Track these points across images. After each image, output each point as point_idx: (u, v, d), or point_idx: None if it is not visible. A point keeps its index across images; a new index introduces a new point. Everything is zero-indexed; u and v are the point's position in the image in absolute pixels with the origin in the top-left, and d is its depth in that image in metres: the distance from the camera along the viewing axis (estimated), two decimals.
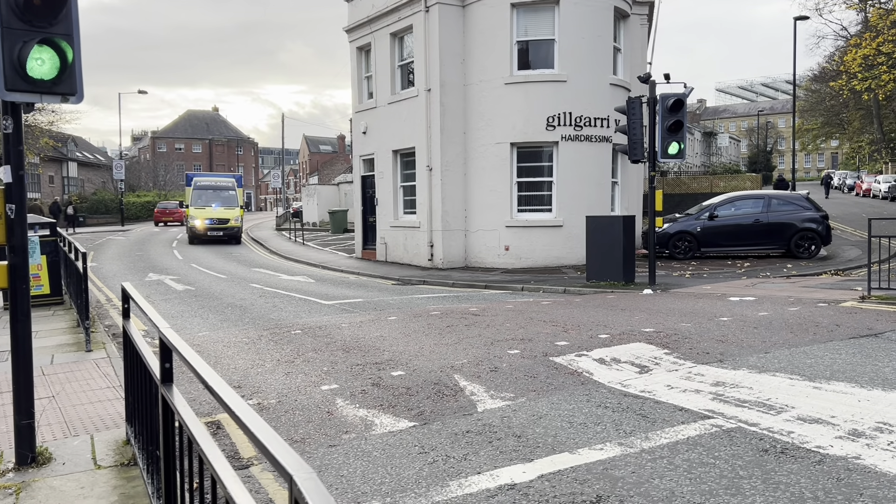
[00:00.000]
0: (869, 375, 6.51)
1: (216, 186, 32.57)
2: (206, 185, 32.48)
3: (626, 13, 20.11)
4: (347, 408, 5.98)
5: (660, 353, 7.68)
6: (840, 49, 43.25)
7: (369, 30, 22.09)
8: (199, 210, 30.70)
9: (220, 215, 30.76)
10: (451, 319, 10.41)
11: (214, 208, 30.97)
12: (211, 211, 30.82)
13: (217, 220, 30.61)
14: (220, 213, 30.87)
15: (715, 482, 4.21)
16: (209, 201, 31.38)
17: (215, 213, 30.78)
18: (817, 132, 68.26)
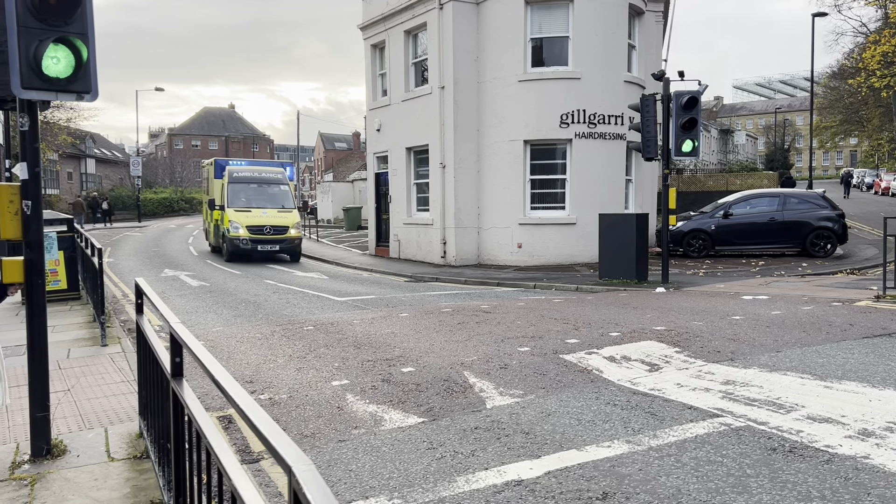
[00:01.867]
0: (881, 375, 6.47)
1: (261, 179, 22.60)
2: (246, 177, 22.37)
3: (641, 10, 20.01)
4: (357, 403, 6.03)
5: (670, 351, 7.67)
6: (859, 46, 42.76)
7: (383, 27, 22.13)
8: (242, 214, 20.87)
9: (273, 221, 20.99)
10: (463, 316, 10.44)
11: (264, 212, 21.23)
12: (259, 216, 21.01)
13: (270, 228, 20.84)
14: (272, 217, 21.11)
15: (722, 480, 4.22)
16: (253, 201, 21.74)
17: (266, 218, 21.01)
18: (836, 130, 67.58)
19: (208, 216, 24.30)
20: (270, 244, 20.96)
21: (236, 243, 20.63)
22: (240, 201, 21.54)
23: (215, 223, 22.68)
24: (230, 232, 20.69)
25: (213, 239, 23.68)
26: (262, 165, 24.93)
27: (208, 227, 24.56)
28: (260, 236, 20.77)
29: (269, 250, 21.11)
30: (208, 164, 25.34)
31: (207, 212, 24.60)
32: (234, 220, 20.82)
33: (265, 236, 20.85)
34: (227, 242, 20.83)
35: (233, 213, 21.00)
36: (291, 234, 21.34)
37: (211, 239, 24.23)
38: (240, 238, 20.59)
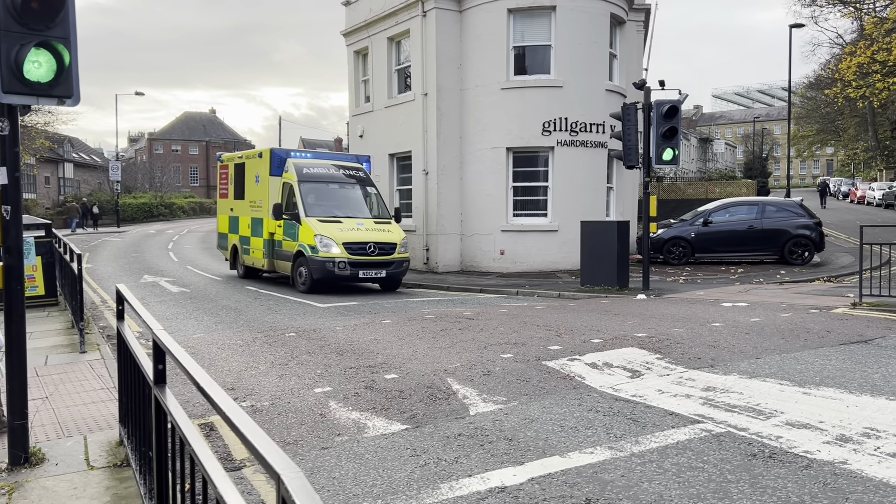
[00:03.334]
0: (858, 381, 6.57)
1: (342, 178, 16.50)
2: (322, 174, 16.24)
3: (623, 19, 20.20)
4: (340, 410, 6.01)
5: (652, 357, 7.73)
6: (835, 57, 43.46)
7: (366, 34, 22.16)
8: (331, 226, 15.00)
9: (376, 236, 15.11)
10: (446, 323, 10.45)
11: (359, 224, 15.39)
12: (355, 228, 15.17)
13: (374, 246, 14.93)
14: (374, 232, 15.23)
15: (703, 486, 4.25)
16: (339, 207, 15.80)
17: (366, 232, 15.15)
18: (813, 139, 68.55)
19: (241, 227, 18.05)
20: (375, 268, 14.83)
21: (328, 267, 14.38)
22: (320, 208, 15.38)
23: (269, 238, 16.46)
24: (317, 251, 14.48)
25: (252, 258, 17.48)
26: (334, 158, 17.91)
27: (235, 242, 18.49)
28: (362, 257, 14.61)
29: (373, 276, 14.99)
30: (241, 158, 18.53)
31: (232, 221, 18.74)
32: (322, 234, 14.58)
33: (369, 257, 14.71)
34: (311, 265, 14.62)
35: (317, 224, 14.80)
36: (400, 255, 15.31)
37: (247, 258, 17.77)
38: (333, 260, 14.36)
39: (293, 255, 15.47)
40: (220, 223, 19.96)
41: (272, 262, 16.70)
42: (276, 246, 16.42)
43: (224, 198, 19.63)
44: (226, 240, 19.44)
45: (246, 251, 17.93)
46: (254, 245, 17.40)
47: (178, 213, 63.36)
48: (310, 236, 14.83)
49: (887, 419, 5.42)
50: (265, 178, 16.82)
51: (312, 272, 14.77)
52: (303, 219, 15.16)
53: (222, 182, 19.76)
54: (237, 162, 18.70)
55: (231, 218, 18.88)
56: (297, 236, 15.29)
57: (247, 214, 17.73)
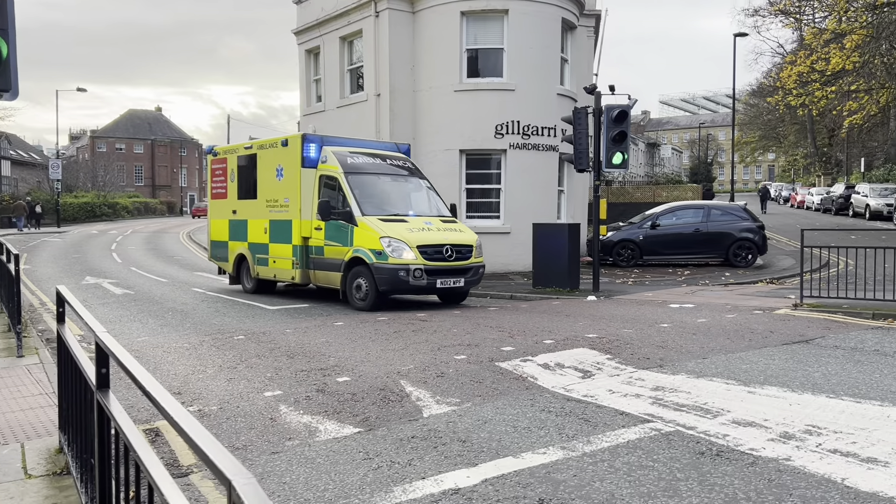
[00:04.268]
0: (800, 380, 6.76)
1: (393, 169, 14.14)
2: (370, 164, 13.74)
3: (574, 24, 20.46)
4: (291, 414, 5.91)
5: (602, 358, 7.83)
6: (777, 66, 44.91)
7: (318, 33, 21.94)
8: (396, 226, 12.46)
9: (451, 237, 12.77)
10: (399, 325, 10.40)
11: (428, 223, 12.96)
12: (425, 228, 12.73)
13: (451, 249, 12.56)
14: (447, 232, 12.91)
15: (653, 484, 4.31)
16: (397, 204, 13.45)
17: (438, 233, 12.76)
18: (755, 145, 70.68)
19: (253, 232, 14.95)
20: (454, 276, 12.45)
21: (400, 276, 11.86)
22: (375, 205, 12.85)
23: (301, 245, 13.48)
24: (385, 256, 11.92)
25: (272, 269, 14.40)
26: (372, 146, 14.81)
27: (242, 251, 15.29)
28: (439, 263, 12.21)
29: (451, 287, 12.60)
30: (249, 148, 15.32)
31: (234, 226, 15.62)
32: (391, 235, 12.01)
33: (447, 263, 12.32)
34: (377, 275, 11.99)
35: (380, 223, 12.27)
36: (477, 260, 13.06)
37: (263, 269, 14.67)
38: (407, 267, 11.85)
39: (344, 264, 12.60)
40: (213, 229, 16.62)
41: (307, 274, 13.59)
42: (314, 253, 13.36)
43: (220, 198, 16.30)
44: (224, 249, 16.04)
45: (261, 261, 14.65)
46: (275, 253, 14.20)
47: (122, 214, 61.71)
48: (371, 239, 12.12)
49: (827, 416, 5.59)
50: (294, 171, 13.65)
51: (378, 283, 11.98)
52: (358, 218, 12.41)
53: (216, 180, 16.42)
54: (243, 153, 15.42)
55: (233, 222, 15.65)
56: (351, 240, 12.48)
57: (261, 217, 14.60)
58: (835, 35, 24.37)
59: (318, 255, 13.33)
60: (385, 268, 11.94)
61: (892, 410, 5.73)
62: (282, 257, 14.06)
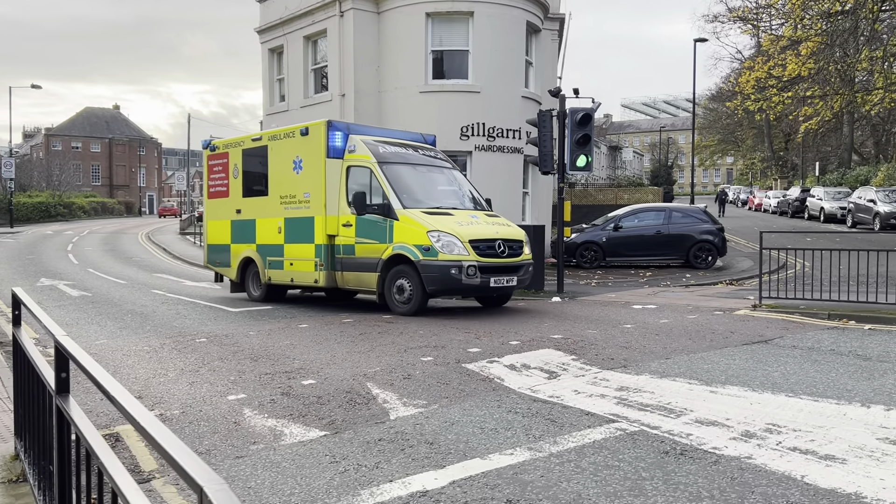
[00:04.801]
0: (760, 380, 6.90)
1: (427, 159, 13.21)
2: (402, 154, 12.78)
3: (538, 28, 20.61)
4: (256, 418, 5.83)
5: (567, 359, 7.89)
6: (735, 71, 45.86)
7: (282, 32, 21.74)
8: (440, 218, 11.43)
9: (503, 232, 11.83)
10: (364, 327, 10.34)
11: (473, 216, 12.00)
12: (471, 221, 11.73)
13: (503, 244, 11.55)
14: (497, 226, 11.97)
15: (619, 484, 4.35)
16: (437, 197, 12.43)
17: (487, 226, 11.77)
18: (714, 149, 72.05)
19: (263, 233, 13.58)
20: (507, 274, 11.33)
21: (452, 275, 10.72)
22: (414, 198, 11.73)
23: (327, 244, 12.22)
24: (433, 253, 10.78)
25: (290, 272, 13.07)
26: (397, 136, 13.62)
27: (250, 255, 13.88)
28: (493, 260, 11.14)
29: (504, 286, 11.50)
30: (258, 140, 13.95)
31: (239, 227, 14.21)
32: (439, 229, 10.90)
33: (500, 260, 11.25)
34: (424, 273, 10.88)
35: (425, 216, 11.18)
36: (527, 257, 12.02)
37: (277, 273, 13.33)
38: (460, 264, 10.72)
39: (381, 263, 11.38)
40: (211, 232, 15.14)
41: (333, 276, 12.31)
42: (343, 253, 12.09)
43: (219, 197, 14.85)
44: (225, 253, 14.58)
45: (274, 265, 13.30)
46: (293, 255, 12.87)
47: (78, 214, 60.29)
48: (417, 233, 10.95)
49: (787, 415, 5.71)
50: (316, 163, 12.39)
51: (426, 283, 10.78)
52: (399, 211, 11.24)
53: (215, 177, 15.02)
54: (250, 146, 14.06)
55: (237, 223, 14.23)
56: (390, 236, 11.28)
57: (274, 215, 13.28)
58: (791, 42, 24.98)
59: (347, 254, 12.05)
60: (434, 265, 10.72)
61: (849, 409, 5.88)
62: (301, 259, 12.71)
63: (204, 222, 15.85)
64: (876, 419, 5.57)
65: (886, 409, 5.85)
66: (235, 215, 14.35)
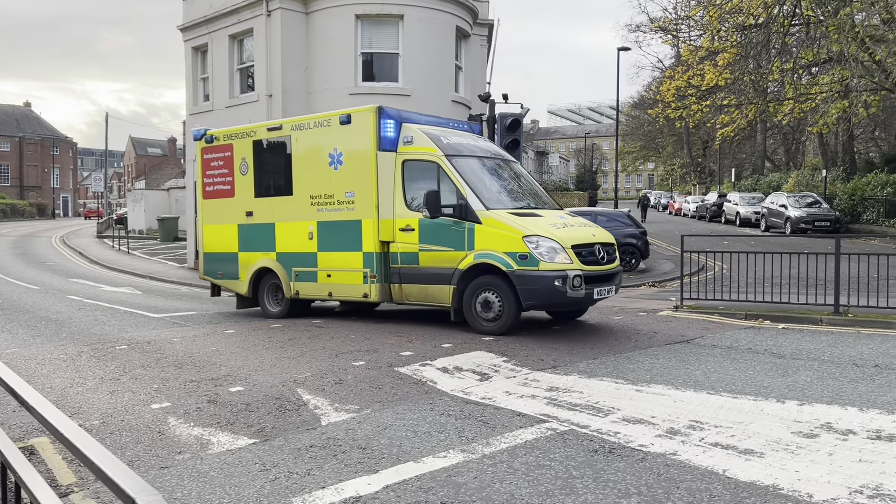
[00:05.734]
0: (683, 378, 7.14)
1: (486, 153, 11.30)
2: (464, 144, 11.00)
3: (468, 33, 20.79)
4: (181, 427, 5.65)
5: (499, 360, 7.96)
6: (656, 80, 47.42)
7: (206, 30, 21.19)
8: (530, 220, 9.73)
9: (596, 234, 10.26)
10: (294, 332, 10.16)
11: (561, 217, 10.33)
12: (562, 224, 9.89)
13: (601, 249, 9.98)
14: (584, 228, 10.27)
15: (551, 483, 4.42)
16: (510, 195, 10.81)
17: (580, 230, 10.08)
18: (636, 155, 74.29)
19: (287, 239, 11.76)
20: (607, 283, 9.92)
21: (556, 287, 9.12)
22: (492, 197, 10.16)
23: (379, 252, 10.58)
24: (534, 262, 9.15)
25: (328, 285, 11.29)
26: (446, 123, 12.10)
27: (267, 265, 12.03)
28: (595, 268, 9.67)
29: (605, 297, 10.10)
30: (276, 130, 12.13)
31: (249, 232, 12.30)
32: (538, 234, 9.33)
33: (601, 267, 9.81)
34: (522, 286, 9.23)
35: (515, 219, 9.63)
36: (618, 263, 10.57)
37: (307, 287, 11.57)
38: (565, 275, 9.13)
39: (457, 274, 9.76)
40: (208, 238, 12.99)
41: (389, 289, 10.65)
42: (402, 262, 10.39)
43: (220, 197, 12.73)
44: (231, 263, 12.52)
45: (305, 276, 11.46)
46: (331, 264, 11.11)
47: None
48: (509, 239, 9.32)
49: (708, 412, 5.93)
50: (363, 156, 10.68)
51: (523, 296, 9.22)
52: (481, 213, 9.61)
53: (213, 173, 12.84)
54: (267, 137, 12.13)
55: (248, 228, 12.24)
56: (470, 242, 9.67)
57: (302, 218, 11.44)
58: (709, 53, 26.02)
59: (407, 264, 10.33)
60: (534, 276, 9.09)
61: (766, 404, 6.15)
62: (344, 269, 10.92)
63: (197, 226, 13.72)
64: (790, 414, 5.85)
65: (800, 404, 6.15)
66: (245, 219, 12.28)
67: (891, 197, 27.91)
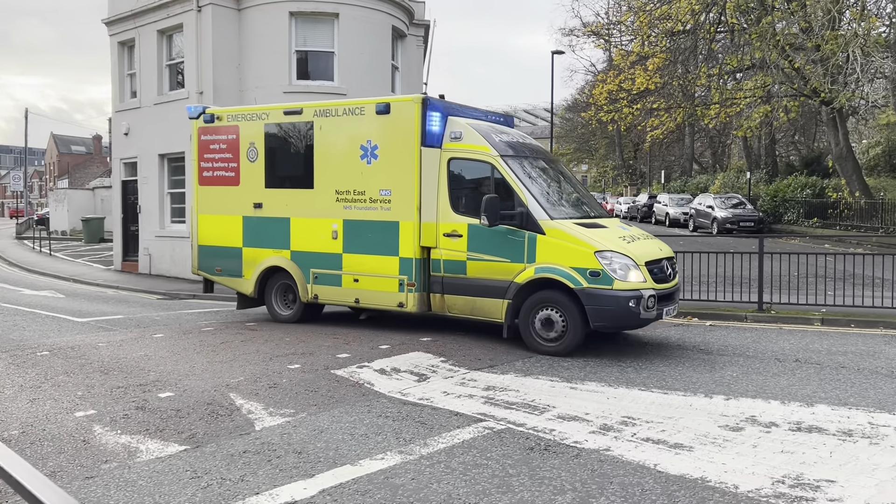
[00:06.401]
0: (615, 375, 7.31)
1: (535, 151, 10.38)
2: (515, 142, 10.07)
3: (404, 33, 20.74)
4: (107, 435, 5.44)
5: (437, 361, 7.97)
6: (589, 83, 48.41)
7: (133, 24, 20.49)
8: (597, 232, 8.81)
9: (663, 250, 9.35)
10: (226, 335, 9.93)
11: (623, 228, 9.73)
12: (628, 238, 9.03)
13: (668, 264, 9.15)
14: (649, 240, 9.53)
15: (488, 482, 4.45)
16: (566, 201, 10.04)
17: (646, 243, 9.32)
18: (570, 157, 75.62)
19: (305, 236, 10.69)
20: (671, 303, 9.05)
21: (630, 308, 8.22)
22: (552, 204, 9.32)
23: (419, 257, 9.63)
24: (607, 280, 8.23)
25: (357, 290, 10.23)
26: (486, 116, 10.86)
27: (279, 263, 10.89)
28: (664, 285, 8.82)
29: (672, 317, 9.53)
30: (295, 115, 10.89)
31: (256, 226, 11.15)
32: (612, 248, 8.46)
33: (668, 284, 8.98)
34: (595, 305, 8.25)
35: (583, 231, 8.71)
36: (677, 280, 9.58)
37: (330, 291, 10.51)
38: (639, 294, 8.25)
39: (513, 288, 8.82)
40: (206, 229, 11.72)
41: (427, 299, 9.72)
42: (445, 270, 9.47)
43: (221, 184, 11.52)
44: (234, 259, 11.34)
45: (326, 279, 10.44)
46: (361, 268, 10.11)
47: None
48: (578, 253, 8.41)
49: (640, 408, 6.08)
50: (405, 151, 9.72)
51: (592, 317, 8.29)
52: (544, 223, 8.68)
53: (213, 157, 11.58)
54: (284, 121, 10.95)
55: (255, 221, 11.14)
56: (531, 254, 8.73)
57: (325, 215, 10.42)
58: (639, 57, 26.69)
59: (452, 272, 9.41)
60: (607, 295, 8.20)
61: (694, 399, 6.35)
62: (375, 274, 9.95)
63: (192, 215, 12.10)
64: (717, 408, 6.05)
65: (726, 398, 6.37)
66: (252, 210, 11.13)
67: (810, 199, 29.25)
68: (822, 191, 29.17)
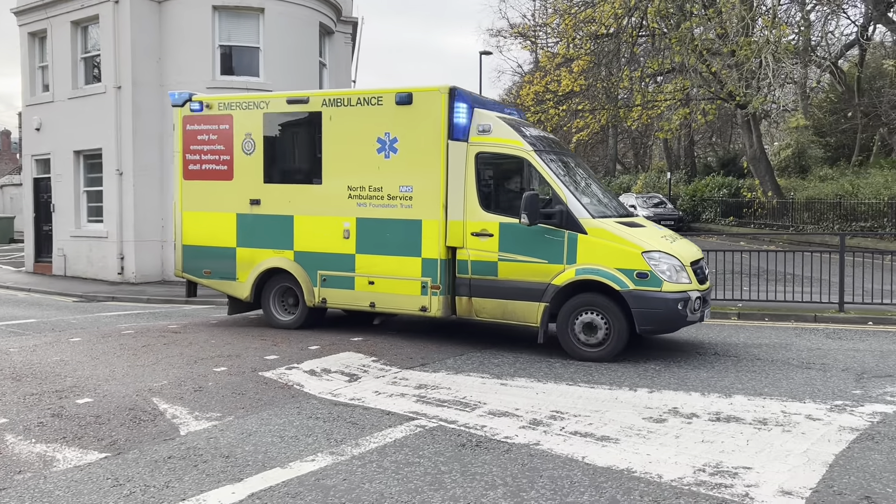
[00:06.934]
0: (544, 371, 7.44)
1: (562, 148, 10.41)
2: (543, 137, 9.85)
3: (331, 30, 20.53)
4: (21, 444, 5.18)
5: (368, 360, 7.93)
6: (517, 84, 49.04)
7: (45, 14, 19.55)
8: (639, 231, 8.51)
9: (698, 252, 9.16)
10: (148, 338, 9.59)
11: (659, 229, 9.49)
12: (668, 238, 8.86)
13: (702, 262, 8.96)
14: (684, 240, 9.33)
15: (420, 480, 4.46)
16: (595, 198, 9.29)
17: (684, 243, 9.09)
18: None
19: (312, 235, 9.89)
20: (708, 302, 8.82)
21: (678, 311, 7.96)
22: (588, 202, 8.77)
23: (444, 258, 8.97)
24: (656, 282, 7.88)
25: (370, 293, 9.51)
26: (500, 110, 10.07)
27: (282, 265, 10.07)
28: (704, 287, 8.60)
29: (710, 318, 9.32)
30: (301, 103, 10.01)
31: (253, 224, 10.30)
32: (659, 249, 8.13)
33: (707, 285, 8.89)
34: (643, 308, 7.89)
35: (627, 230, 8.35)
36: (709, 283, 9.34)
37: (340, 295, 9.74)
38: (686, 296, 8.02)
39: (551, 290, 8.30)
40: (191, 227, 10.78)
41: (454, 302, 9.05)
42: (473, 272, 8.84)
43: (210, 178, 10.59)
44: (226, 260, 10.46)
45: (336, 282, 9.69)
46: (378, 270, 9.37)
47: None
48: (624, 253, 8.01)
49: (568, 402, 6.21)
50: (430, 144, 9.03)
51: (639, 320, 7.92)
52: (586, 222, 8.22)
53: (201, 147, 10.63)
54: (287, 110, 10.19)
55: (252, 219, 10.27)
56: (570, 254, 8.25)
57: (335, 213, 9.67)
58: (565, 59, 27.20)
59: (481, 274, 8.79)
60: (656, 298, 7.86)
61: (619, 393, 6.53)
62: (393, 276, 9.26)
63: (175, 211, 11.08)
64: (642, 401, 6.24)
65: (650, 391, 6.58)
66: (248, 207, 10.25)
67: (726, 198, 30.49)
68: (737, 190, 30.49)
